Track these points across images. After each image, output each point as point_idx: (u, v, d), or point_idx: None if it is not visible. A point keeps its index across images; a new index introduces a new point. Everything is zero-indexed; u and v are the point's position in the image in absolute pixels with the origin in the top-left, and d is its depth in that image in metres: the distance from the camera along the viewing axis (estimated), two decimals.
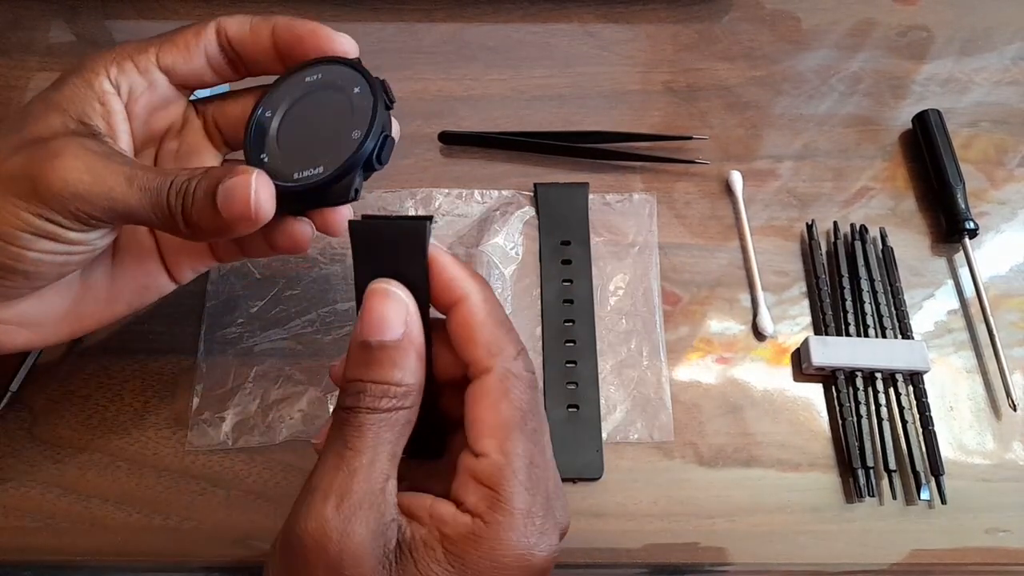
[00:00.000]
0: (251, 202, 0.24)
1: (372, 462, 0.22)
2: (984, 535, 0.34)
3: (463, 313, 0.23)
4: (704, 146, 0.43)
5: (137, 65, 0.27)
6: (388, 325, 0.22)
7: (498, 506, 0.22)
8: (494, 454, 0.22)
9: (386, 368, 0.22)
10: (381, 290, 0.23)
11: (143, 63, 0.27)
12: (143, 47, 0.27)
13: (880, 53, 0.48)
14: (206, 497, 0.34)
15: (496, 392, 0.23)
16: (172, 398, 0.35)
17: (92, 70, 0.26)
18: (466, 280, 0.23)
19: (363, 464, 0.22)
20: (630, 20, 0.48)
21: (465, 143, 0.43)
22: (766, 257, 0.40)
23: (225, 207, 0.24)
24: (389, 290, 0.23)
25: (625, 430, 0.36)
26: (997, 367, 0.37)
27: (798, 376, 0.37)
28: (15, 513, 0.33)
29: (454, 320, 0.23)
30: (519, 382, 0.23)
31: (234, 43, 0.27)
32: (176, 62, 0.27)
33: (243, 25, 0.27)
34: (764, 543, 0.34)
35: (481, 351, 0.23)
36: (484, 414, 0.23)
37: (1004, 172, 0.44)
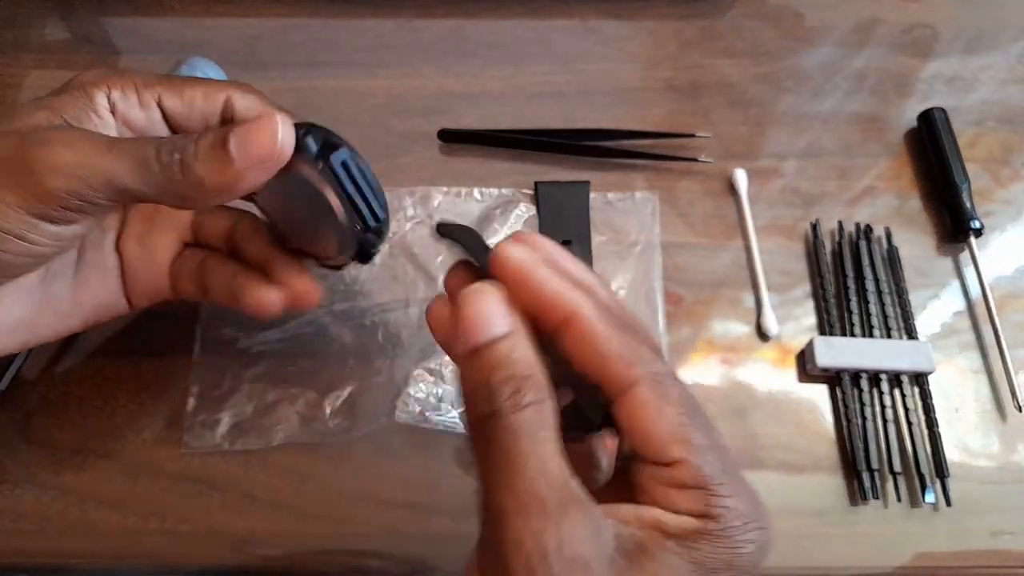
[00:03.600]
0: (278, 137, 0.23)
1: (546, 461, 0.20)
2: (989, 538, 0.34)
3: (579, 331, 0.21)
4: (707, 144, 0.43)
5: (140, 99, 0.26)
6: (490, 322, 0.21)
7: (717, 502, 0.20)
8: (688, 456, 0.21)
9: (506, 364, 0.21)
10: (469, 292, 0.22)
11: (146, 98, 0.26)
12: (149, 82, 0.27)
13: (885, 51, 0.47)
14: (202, 500, 0.33)
15: (655, 400, 0.21)
16: (167, 400, 0.35)
17: (94, 84, 0.26)
18: (569, 292, 0.22)
19: (538, 464, 0.20)
20: (632, 16, 0.48)
21: (465, 141, 0.42)
22: (770, 257, 0.40)
23: (243, 150, 0.23)
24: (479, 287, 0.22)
25: None
26: (1003, 368, 0.37)
27: (802, 377, 0.37)
28: (9, 515, 0.33)
29: (571, 340, 0.22)
30: (669, 380, 0.21)
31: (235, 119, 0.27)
32: (177, 111, 0.27)
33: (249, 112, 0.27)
34: None
35: (617, 366, 0.21)
36: (654, 426, 0.21)
37: (1010, 171, 0.43)
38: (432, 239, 0.39)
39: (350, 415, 0.35)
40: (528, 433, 0.20)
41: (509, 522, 0.20)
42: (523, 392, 0.21)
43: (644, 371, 0.21)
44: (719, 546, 0.20)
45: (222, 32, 0.46)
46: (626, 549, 0.20)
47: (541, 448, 0.20)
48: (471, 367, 0.22)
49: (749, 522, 0.20)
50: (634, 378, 0.21)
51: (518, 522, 0.20)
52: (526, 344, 0.22)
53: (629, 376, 0.21)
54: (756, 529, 0.21)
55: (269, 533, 0.33)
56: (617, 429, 0.22)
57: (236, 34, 0.46)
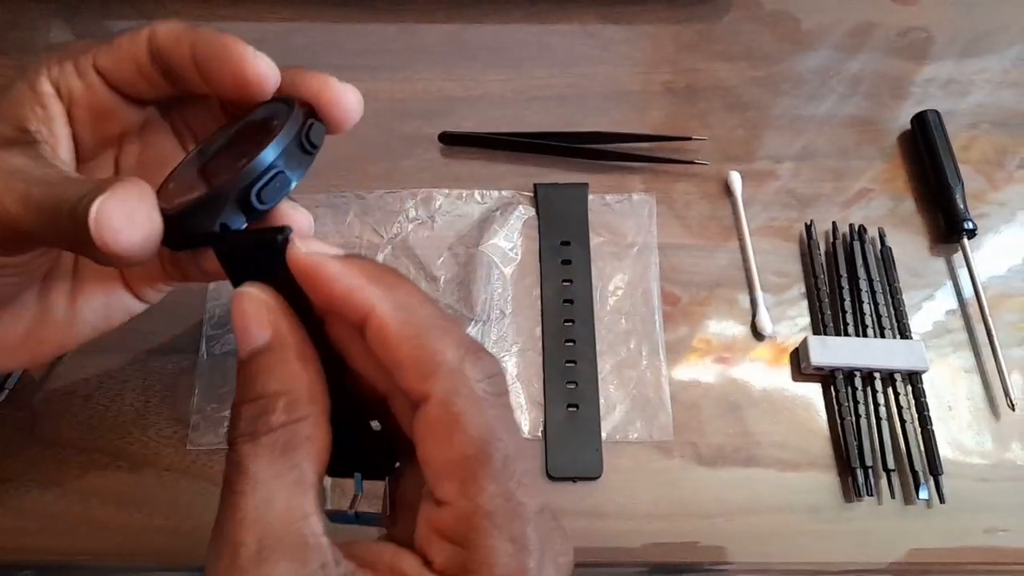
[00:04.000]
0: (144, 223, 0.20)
1: (266, 499, 0.17)
2: (983, 534, 0.35)
3: (373, 331, 0.18)
4: (704, 147, 0.43)
5: (77, 67, 0.24)
6: (249, 331, 0.19)
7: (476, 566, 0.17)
8: (457, 500, 0.17)
9: (257, 380, 0.19)
10: (235, 296, 0.19)
11: (82, 64, 0.24)
12: (86, 47, 0.25)
13: (880, 54, 0.48)
14: (207, 497, 0.34)
15: (443, 423, 0.18)
16: (173, 398, 0.35)
17: (35, 71, 0.24)
18: (366, 288, 0.18)
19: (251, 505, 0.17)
20: (630, 20, 0.48)
21: (465, 143, 0.43)
22: (765, 258, 0.40)
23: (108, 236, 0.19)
24: (240, 292, 0.19)
25: (624, 430, 0.36)
26: (995, 367, 0.37)
27: (797, 376, 0.38)
28: (15, 513, 0.33)
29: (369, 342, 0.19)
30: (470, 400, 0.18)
31: (162, 52, 0.24)
32: (107, 64, 0.24)
33: (170, 33, 0.24)
34: (763, 542, 0.34)
35: (410, 375, 0.18)
36: (435, 452, 0.18)
37: (1004, 174, 0.44)
38: (432, 239, 0.40)
39: None
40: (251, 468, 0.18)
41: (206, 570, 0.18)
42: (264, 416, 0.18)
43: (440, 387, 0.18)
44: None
45: None
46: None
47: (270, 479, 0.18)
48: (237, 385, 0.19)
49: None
50: (425, 392, 0.18)
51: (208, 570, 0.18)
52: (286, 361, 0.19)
53: (422, 389, 0.18)
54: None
55: None
56: None
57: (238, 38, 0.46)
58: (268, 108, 0.24)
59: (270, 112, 0.23)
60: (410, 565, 0.18)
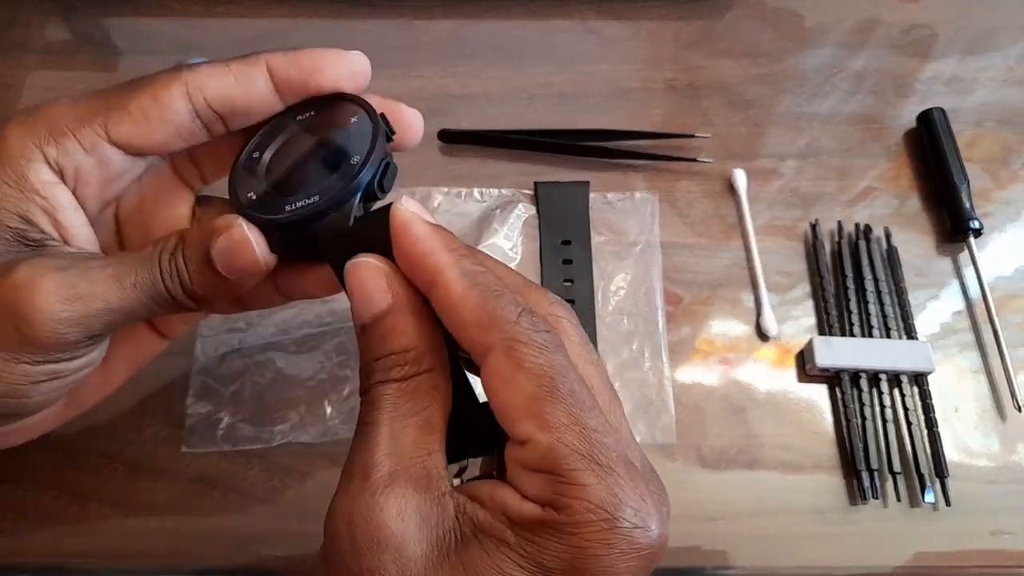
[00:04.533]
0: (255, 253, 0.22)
1: (397, 433, 0.19)
2: (989, 537, 0.34)
3: (440, 294, 0.20)
4: (706, 145, 0.43)
5: (82, 143, 0.21)
6: (371, 297, 0.20)
7: (565, 489, 0.18)
8: (537, 434, 0.18)
9: (386, 340, 0.20)
10: (352, 266, 0.21)
11: (89, 139, 0.22)
12: (86, 115, 0.22)
13: (884, 51, 0.47)
14: (202, 500, 0.33)
15: (507, 368, 0.19)
16: (169, 400, 0.35)
17: (23, 155, 0.21)
18: (438, 253, 0.20)
19: (385, 435, 0.19)
20: (631, 17, 0.48)
21: (465, 141, 0.43)
22: (769, 257, 0.40)
23: (228, 268, 0.22)
24: (358, 262, 0.21)
25: None
26: (1002, 368, 0.37)
27: (802, 377, 0.37)
28: (11, 515, 0.33)
29: (436, 306, 0.20)
30: (530, 345, 0.19)
31: (216, 102, 0.22)
32: (134, 136, 0.22)
33: (223, 79, 0.22)
34: (767, 546, 0.34)
35: (472, 331, 0.19)
36: (506, 397, 0.19)
37: (1009, 172, 0.43)
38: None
39: (351, 415, 0.35)
40: (389, 402, 0.20)
41: (339, 485, 0.20)
42: (396, 368, 0.20)
43: (500, 336, 0.19)
44: (562, 543, 0.18)
45: (223, 33, 0.46)
46: (461, 535, 0.19)
47: (400, 418, 0.20)
48: (360, 346, 0.21)
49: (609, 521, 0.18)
50: (488, 344, 0.19)
51: (340, 489, 0.19)
52: (407, 316, 0.20)
53: (484, 342, 0.19)
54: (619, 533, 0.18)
55: (269, 533, 0.33)
56: None
57: (237, 35, 0.46)
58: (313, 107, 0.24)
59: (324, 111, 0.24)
60: (509, 496, 0.19)
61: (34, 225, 0.21)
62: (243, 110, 0.23)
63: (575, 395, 0.19)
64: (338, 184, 0.22)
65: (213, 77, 0.22)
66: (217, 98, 0.22)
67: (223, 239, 0.22)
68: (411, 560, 0.18)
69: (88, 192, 0.23)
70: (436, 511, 0.19)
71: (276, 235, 0.23)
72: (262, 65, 0.23)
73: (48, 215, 0.22)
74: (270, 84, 0.23)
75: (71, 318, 0.20)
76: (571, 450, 0.18)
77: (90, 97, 0.22)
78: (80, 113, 0.22)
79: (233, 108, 0.23)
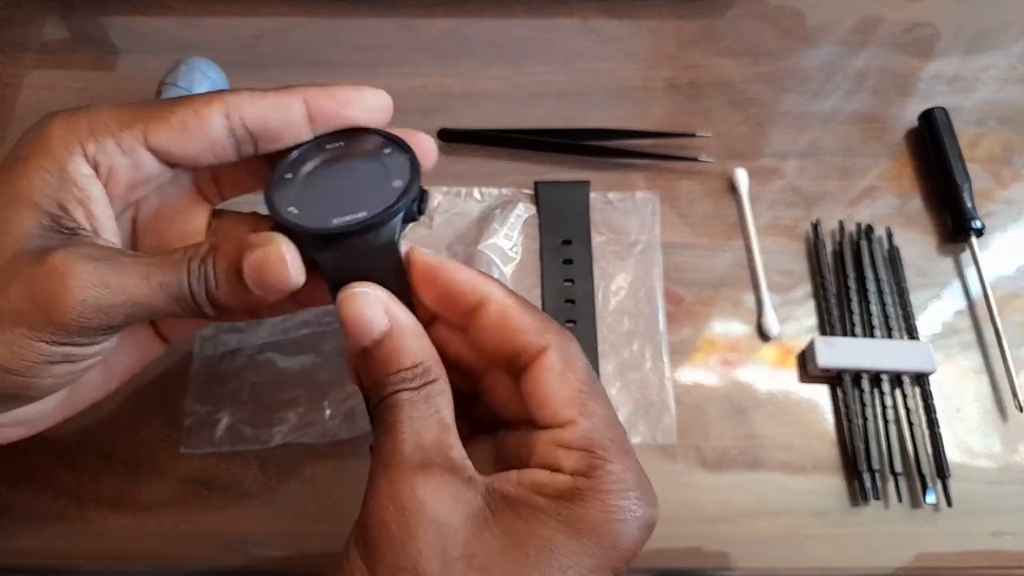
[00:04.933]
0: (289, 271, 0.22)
1: (420, 430, 0.22)
2: (990, 538, 0.34)
3: (494, 310, 0.23)
4: (707, 144, 0.43)
5: (120, 144, 0.23)
6: (371, 324, 0.23)
7: (599, 464, 0.21)
8: (580, 419, 0.22)
9: (394, 358, 0.23)
10: (348, 296, 0.23)
11: (127, 141, 0.23)
12: (127, 121, 0.23)
13: (886, 50, 0.47)
14: (201, 500, 0.33)
15: (560, 365, 0.23)
16: (166, 400, 0.35)
17: (65, 147, 0.22)
18: (480, 278, 0.24)
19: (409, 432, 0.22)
20: (632, 15, 0.47)
21: (464, 140, 0.42)
22: (771, 257, 0.40)
23: (258, 282, 0.22)
24: (354, 292, 0.23)
25: (627, 432, 0.35)
26: (1004, 368, 0.37)
27: (803, 377, 0.37)
28: (8, 516, 0.33)
29: (485, 319, 0.23)
30: (574, 351, 0.23)
31: (252, 123, 0.24)
32: (171, 144, 0.23)
33: (261, 102, 0.24)
34: (768, 547, 0.33)
35: (530, 335, 0.23)
36: (556, 388, 0.22)
37: (1011, 171, 0.43)
38: (430, 238, 0.39)
39: (350, 416, 0.35)
40: (408, 405, 0.22)
41: (373, 479, 0.22)
42: (409, 380, 0.22)
43: (555, 338, 0.23)
44: (591, 507, 0.21)
45: (222, 31, 0.46)
46: (495, 507, 0.21)
47: (420, 418, 0.22)
48: (363, 366, 0.23)
49: (628, 491, 0.21)
50: (545, 343, 0.23)
51: (378, 476, 0.21)
52: (411, 335, 0.23)
53: (541, 342, 0.23)
54: (636, 501, 0.21)
55: (269, 533, 0.33)
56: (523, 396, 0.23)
57: (236, 33, 0.46)
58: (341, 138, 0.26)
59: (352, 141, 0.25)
60: (539, 475, 0.22)
61: (69, 214, 0.22)
62: (276, 134, 0.24)
63: (605, 394, 0.23)
64: (384, 202, 0.23)
65: (252, 100, 0.24)
66: (254, 119, 0.24)
67: (260, 253, 0.22)
68: (450, 527, 0.20)
69: (115, 191, 0.24)
70: (467, 491, 0.21)
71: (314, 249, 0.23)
72: (299, 95, 0.24)
73: (83, 206, 0.23)
74: (304, 111, 0.24)
75: (98, 305, 0.21)
76: (604, 435, 0.22)
77: (134, 105, 0.23)
78: (122, 117, 0.23)
79: (267, 130, 0.24)
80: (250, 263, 0.22)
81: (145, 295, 0.22)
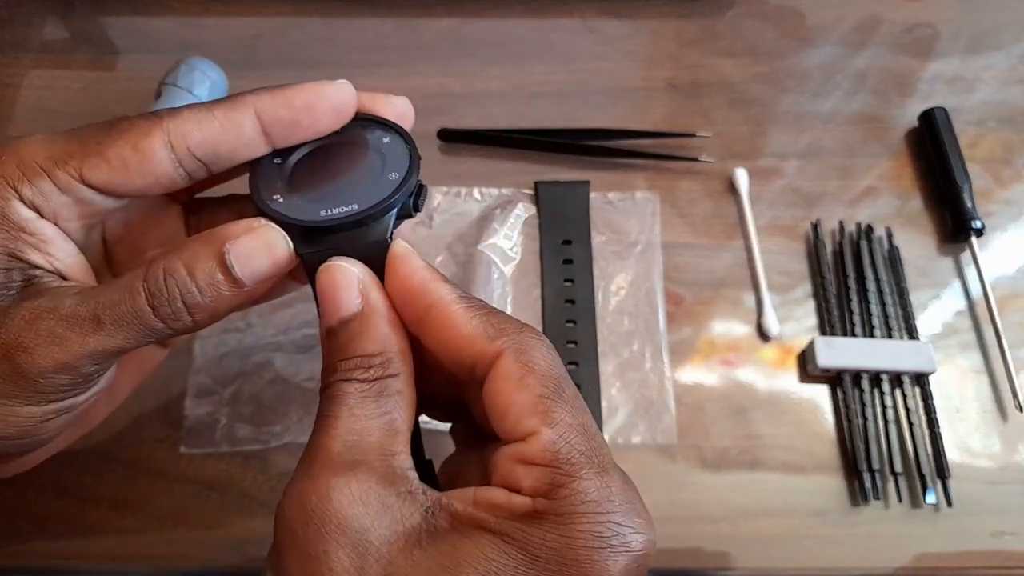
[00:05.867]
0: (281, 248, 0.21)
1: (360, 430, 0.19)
2: (990, 538, 0.34)
3: (439, 315, 0.20)
4: (707, 144, 0.43)
5: (57, 184, 0.20)
6: (341, 300, 0.20)
7: (564, 482, 0.18)
8: (543, 429, 0.19)
9: (354, 343, 0.20)
10: (324, 269, 0.21)
11: (63, 181, 0.20)
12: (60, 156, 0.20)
13: (886, 50, 0.47)
14: (200, 501, 0.33)
15: (517, 370, 0.19)
16: (167, 401, 0.35)
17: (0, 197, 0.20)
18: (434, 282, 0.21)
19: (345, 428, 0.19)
20: (632, 15, 0.47)
21: (464, 140, 0.42)
22: (771, 257, 0.40)
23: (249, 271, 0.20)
24: (332, 265, 0.21)
25: (627, 432, 0.35)
26: (1004, 368, 0.37)
27: (803, 377, 0.37)
28: (9, 516, 0.33)
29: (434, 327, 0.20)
30: (538, 349, 0.20)
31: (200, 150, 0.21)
32: (112, 183, 0.21)
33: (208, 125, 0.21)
34: (768, 547, 0.33)
35: (479, 342, 0.20)
36: (513, 397, 0.19)
37: (1011, 171, 0.43)
38: (430, 238, 0.39)
39: None
40: (353, 399, 0.20)
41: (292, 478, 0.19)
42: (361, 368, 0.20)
43: (511, 342, 0.20)
44: (550, 531, 0.18)
45: (221, 31, 0.46)
46: (438, 526, 0.18)
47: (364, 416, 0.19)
48: (325, 349, 0.21)
49: (602, 513, 0.18)
50: (498, 349, 0.20)
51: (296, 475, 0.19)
52: (380, 321, 0.21)
53: (492, 348, 0.20)
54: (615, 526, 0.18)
55: (268, 534, 0.33)
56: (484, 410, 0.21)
57: (235, 33, 0.46)
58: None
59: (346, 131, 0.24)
60: (496, 494, 0.19)
61: (26, 262, 0.21)
62: (228, 156, 0.22)
63: (578, 399, 0.20)
64: (378, 195, 0.22)
65: (197, 124, 0.21)
66: (201, 146, 0.21)
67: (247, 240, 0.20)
68: (371, 545, 0.18)
69: (70, 227, 0.22)
70: (402, 505, 0.18)
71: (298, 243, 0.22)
72: (249, 108, 0.22)
73: (38, 250, 0.21)
74: (257, 126, 0.22)
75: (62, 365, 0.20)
76: (572, 447, 0.19)
77: (65, 137, 0.21)
78: (54, 153, 0.21)
79: (218, 155, 0.22)
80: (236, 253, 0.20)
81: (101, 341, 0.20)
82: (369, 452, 0.19)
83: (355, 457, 0.19)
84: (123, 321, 0.20)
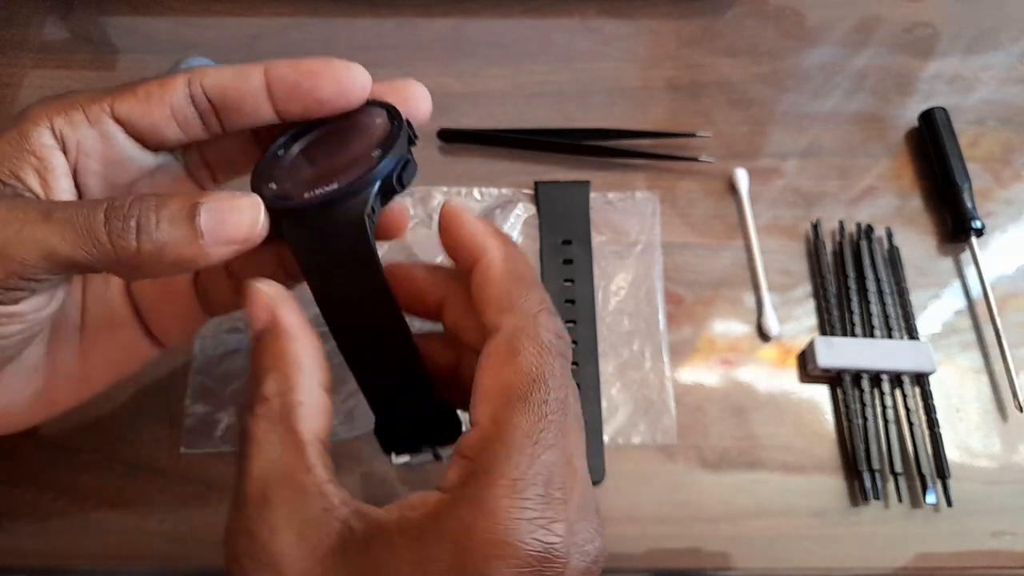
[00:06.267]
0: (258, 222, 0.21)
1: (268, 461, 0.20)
2: (990, 538, 0.34)
3: (480, 269, 0.21)
4: (707, 144, 0.43)
5: (88, 115, 0.22)
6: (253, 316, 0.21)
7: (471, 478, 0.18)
8: (484, 422, 0.18)
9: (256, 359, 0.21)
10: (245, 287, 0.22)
11: (94, 113, 0.22)
12: (97, 96, 0.23)
13: (886, 50, 0.47)
14: (201, 501, 0.33)
15: (502, 353, 0.19)
16: (166, 400, 0.35)
17: (31, 120, 0.22)
18: (484, 236, 0.22)
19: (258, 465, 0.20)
20: (632, 15, 0.47)
21: (464, 140, 0.42)
22: (771, 256, 0.40)
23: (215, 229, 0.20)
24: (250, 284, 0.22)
25: (627, 433, 0.35)
26: (1004, 368, 0.37)
27: (803, 377, 0.37)
28: (8, 516, 0.33)
29: (473, 282, 0.21)
30: (533, 343, 0.19)
31: (211, 90, 0.23)
32: (132, 113, 0.23)
33: (221, 72, 0.23)
34: (768, 547, 0.33)
35: (491, 309, 0.20)
36: (485, 378, 0.19)
37: (1011, 171, 0.43)
38: (431, 237, 0.39)
39: (349, 415, 0.34)
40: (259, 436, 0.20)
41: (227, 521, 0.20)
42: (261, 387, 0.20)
43: (512, 322, 0.20)
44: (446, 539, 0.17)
45: (221, 31, 0.46)
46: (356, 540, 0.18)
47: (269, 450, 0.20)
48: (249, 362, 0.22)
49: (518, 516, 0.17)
50: (498, 325, 0.20)
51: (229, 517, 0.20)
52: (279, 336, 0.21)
53: (495, 322, 0.20)
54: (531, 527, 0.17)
55: None
56: None
57: (235, 33, 0.46)
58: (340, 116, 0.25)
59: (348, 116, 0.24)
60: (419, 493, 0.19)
61: (23, 183, 0.22)
62: (234, 103, 0.23)
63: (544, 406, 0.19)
64: (356, 172, 0.22)
65: (214, 71, 0.23)
66: (212, 86, 0.23)
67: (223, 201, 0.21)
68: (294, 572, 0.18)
69: (89, 165, 0.23)
70: (320, 524, 0.19)
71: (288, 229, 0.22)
72: (260, 65, 0.23)
73: (39, 175, 0.22)
74: (263, 81, 0.23)
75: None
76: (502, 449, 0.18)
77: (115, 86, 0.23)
78: (96, 94, 0.23)
79: (225, 98, 0.23)
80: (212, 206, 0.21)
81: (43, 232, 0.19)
82: (280, 482, 0.19)
83: (267, 491, 0.19)
84: (71, 221, 0.20)
